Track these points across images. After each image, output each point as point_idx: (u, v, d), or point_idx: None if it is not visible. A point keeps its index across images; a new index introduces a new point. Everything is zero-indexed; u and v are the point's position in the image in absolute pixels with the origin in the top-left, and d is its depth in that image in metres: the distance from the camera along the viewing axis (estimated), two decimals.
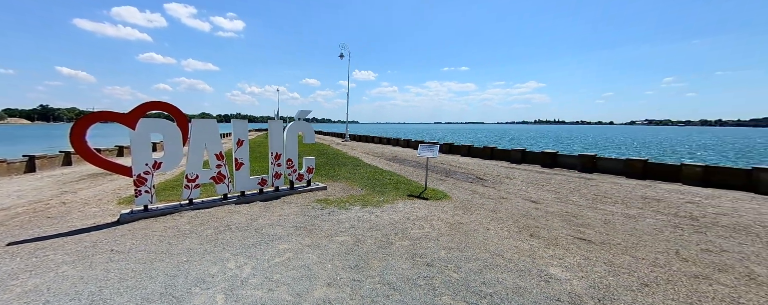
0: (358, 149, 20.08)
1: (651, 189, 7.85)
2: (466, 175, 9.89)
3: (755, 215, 5.71)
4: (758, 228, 4.96)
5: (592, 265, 3.55)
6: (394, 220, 5.12)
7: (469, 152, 16.11)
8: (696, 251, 4.04)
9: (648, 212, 5.78)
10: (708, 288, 3.09)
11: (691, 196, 7.14)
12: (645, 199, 6.82)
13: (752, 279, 3.30)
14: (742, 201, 6.76)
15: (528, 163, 12.96)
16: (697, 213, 5.74)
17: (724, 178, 8.33)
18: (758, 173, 7.81)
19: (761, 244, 4.29)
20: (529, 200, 6.69)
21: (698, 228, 4.91)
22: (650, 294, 2.94)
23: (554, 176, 9.69)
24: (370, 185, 7.87)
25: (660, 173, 9.40)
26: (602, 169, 10.57)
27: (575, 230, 4.76)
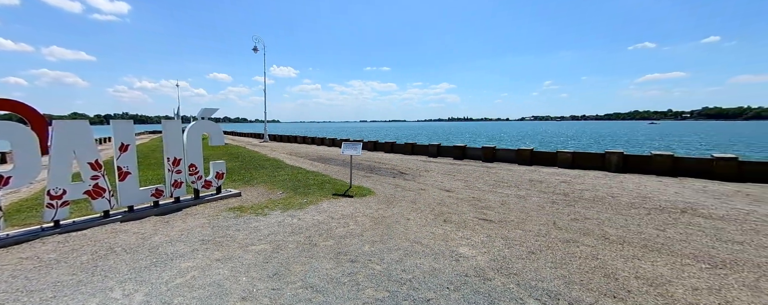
0: (279, 150, 18.97)
1: (536, 173, 9.44)
2: (390, 170, 10.28)
3: (607, 188, 7.37)
4: (610, 199, 6.42)
5: (492, 241, 4.09)
6: (318, 221, 5.00)
7: (393, 149, 16.79)
8: (567, 220, 5.01)
9: (533, 192, 6.93)
10: (576, 249, 3.87)
11: (564, 177, 8.83)
12: (531, 181, 8.16)
13: (606, 239, 4.26)
14: (599, 178, 8.66)
15: (443, 156, 14.17)
16: (568, 190, 7.13)
17: (586, 161, 10.54)
18: (609, 155, 10.11)
19: (612, 211, 5.57)
20: (443, 189, 7.32)
21: (569, 202, 6.10)
22: (535, 260, 3.54)
23: (464, 167, 10.83)
24: (292, 188, 7.51)
25: (542, 159, 11.38)
26: (500, 158, 12.26)
27: (480, 212, 5.41)
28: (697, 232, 4.44)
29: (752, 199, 6.32)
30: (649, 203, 5.98)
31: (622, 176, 8.78)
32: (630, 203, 6.01)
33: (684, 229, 4.55)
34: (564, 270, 3.29)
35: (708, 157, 8.82)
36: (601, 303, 2.71)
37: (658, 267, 3.37)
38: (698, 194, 6.71)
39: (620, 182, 7.94)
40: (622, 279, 3.12)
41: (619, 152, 9.81)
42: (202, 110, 6.42)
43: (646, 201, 6.09)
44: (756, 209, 5.60)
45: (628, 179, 8.44)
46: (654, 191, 7.00)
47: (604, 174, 9.25)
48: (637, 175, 9.01)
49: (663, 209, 5.54)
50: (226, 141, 26.94)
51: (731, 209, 5.54)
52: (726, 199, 6.30)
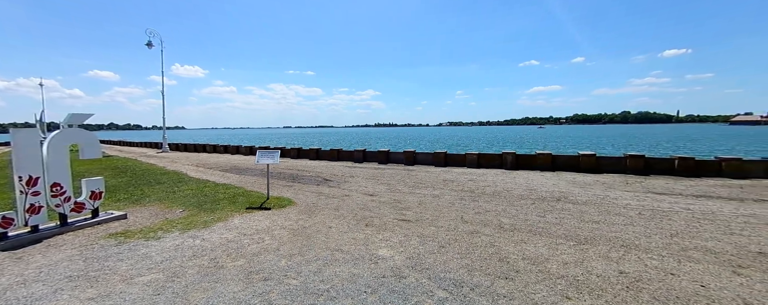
0: (183, 161, 16.64)
1: (449, 173, 10.36)
2: (314, 178, 9.98)
3: (504, 184, 8.50)
4: (505, 193, 7.40)
5: (409, 240, 4.31)
6: (226, 240, 4.51)
7: (318, 156, 16.37)
8: (472, 214, 5.61)
9: (446, 191, 7.58)
10: (478, 239, 4.34)
11: (471, 175, 9.90)
12: (445, 181, 8.91)
13: (501, 228, 4.88)
14: (498, 175, 9.93)
15: (368, 161, 14.43)
16: (474, 187, 8.01)
17: (488, 161, 12.01)
18: (505, 155, 11.69)
19: (507, 203, 6.42)
20: (367, 194, 7.44)
21: (474, 198, 6.84)
22: (445, 253, 3.85)
23: (387, 171, 11.22)
24: (196, 204, 6.64)
25: (454, 160, 12.57)
26: (420, 161, 13.11)
27: (399, 213, 5.66)
28: (567, 216, 5.46)
29: (606, 186, 8.09)
30: (534, 194, 7.13)
31: (515, 173, 10.29)
32: (520, 195, 7.06)
33: (558, 214, 5.55)
34: (468, 260, 3.66)
35: (575, 154, 11.00)
36: (496, 285, 3.09)
37: (539, 248, 4.02)
38: (569, 185, 8.28)
39: (514, 178, 9.28)
40: (513, 261, 3.63)
41: (512, 152, 11.48)
42: (70, 116, 5.21)
43: (532, 193, 7.25)
44: (609, 194, 7.19)
45: (520, 175, 9.94)
46: (538, 184, 8.39)
47: (502, 172, 10.69)
48: (526, 171, 10.67)
49: (544, 199, 6.67)
50: (112, 153, 22.46)
51: (592, 196, 6.99)
52: (588, 187, 7.92)
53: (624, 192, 7.27)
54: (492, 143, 40.34)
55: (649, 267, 3.47)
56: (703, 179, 9.06)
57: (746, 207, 5.97)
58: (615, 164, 10.36)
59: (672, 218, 5.28)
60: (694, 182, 8.59)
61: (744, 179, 8.88)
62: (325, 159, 15.82)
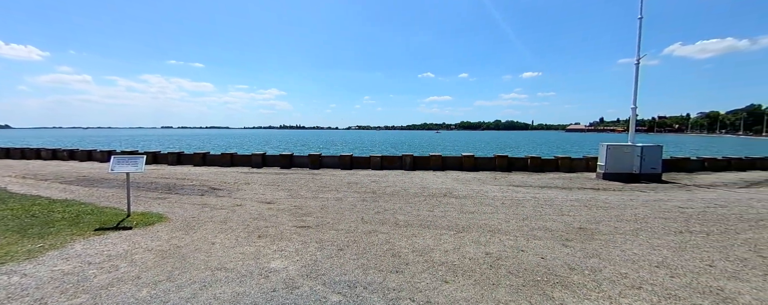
0: (4, 170, 12.18)
1: (354, 176, 10.54)
2: (198, 187, 8.66)
3: (402, 184, 9.10)
4: (403, 192, 7.93)
5: (306, 247, 4.15)
6: (62, 273, 3.46)
7: (205, 161, 14.30)
8: (372, 214, 5.81)
9: (350, 194, 7.67)
10: (375, 238, 4.50)
11: (375, 177, 10.30)
12: (349, 184, 9.02)
13: (397, 225, 5.18)
14: (398, 176, 10.60)
15: (269, 166, 13.41)
16: (376, 188, 8.33)
17: (390, 162, 12.72)
18: (404, 157, 12.57)
19: (404, 201, 6.88)
20: (264, 202, 6.87)
21: (375, 199, 7.11)
22: (342, 256, 3.85)
23: (290, 176, 10.65)
24: (17, 229, 4.91)
25: (360, 163, 12.87)
26: (326, 164, 12.94)
27: (299, 220, 5.42)
28: (450, 209, 6.20)
29: (481, 182, 9.55)
30: (427, 191, 7.89)
31: (413, 173, 11.20)
32: (415, 193, 7.71)
33: (444, 208, 6.27)
34: (364, 259, 3.75)
35: (459, 155, 12.68)
36: (388, 280, 3.25)
37: (427, 240, 4.44)
38: (454, 182, 9.47)
39: (411, 178, 10.09)
40: (404, 254, 3.89)
41: (410, 154, 12.49)
42: None
43: (425, 190, 8.01)
44: (482, 188, 8.49)
45: (416, 174, 10.87)
46: (430, 182, 9.32)
47: (402, 172, 11.49)
48: (422, 171, 11.74)
49: (434, 195, 7.44)
50: None
51: (470, 190, 8.14)
52: (468, 183, 9.21)
53: (493, 186, 8.74)
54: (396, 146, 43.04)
55: (506, 247, 4.23)
56: (547, 173, 11.69)
57: (573, 194, 7.94)
58: (488, 163, 12.39)
59: (524, 205, 6.61)
60: (540, 176, 10.98)
61: (572, 173, 11.84)
62: (216, 165, 13.98)
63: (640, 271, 3.57)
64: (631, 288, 3.20)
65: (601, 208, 6.45)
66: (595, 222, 5.45)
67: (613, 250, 4.19)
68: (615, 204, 6.80)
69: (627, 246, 4.36)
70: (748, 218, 5.86)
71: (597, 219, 5.64)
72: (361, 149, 36.43)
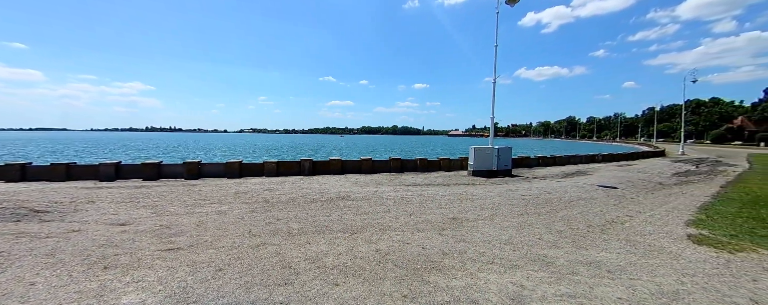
0: None
1: (244, 185, 9.58)
2: (11, 211, 6.31)
3: (300, 190, 8.76)
4: (300, 198, 7.63)
5: (174, 273, 3.53)
6: None
7: (25, 175, 10.51)
8: (262, 225, 5.38)
9: (236, 205, 6.93)
10: (263, 252, 4.19)
11: (269, 185, 9.60)
12: (237, 194, 8.14)
13: (290, 234, 4.94)
14: (296, 182, 10.15)
15: (125, 178, 10.84)
16: (269, 197, 7.77)
17: (288, 168, 12.08)
18: (303, 162, 12.13)
19: (300, 208, 6.62)
20: (115, 224, 5.51)
21: (267, 208, 6.63)
22: (221, 277, 3.44)
23: (157, 189, 8.87)
24: None
25: (251, 170, 11.78)
26: (207, 174, 11.32)
27: (165, 242, 4.56)
28: (347, 212, 6.32)
29: (377, 183, 10.05)
30: (325, 196, 7.83)
31: (312, 179, 10.95)
32: (313, 199, 7.55)
33: (341, 211, 6.34)
34: (248, 276, 3.43)
35: (358, 159, 13.08)
36: (275, 293, 3.06)
37: (321, 245, 4.40)
38: (352, 184, 9.70)
39: (310, 184, 9.84)
40: (295, 264, 3.75)
41: (309, 159, 12.17)
42: None
43: (323, 195, 7.94)
44: (378, 189, 8.94)
45: (316, 180, 10.67)
46: (330, 186, 9.30)
47: (300, 178, 11.09)
48: (322, 176, 11.60)
49: (332, 199, 7.45)
50: None
51: (367, 192, 8.47)
52: (365, 185, 9.57)
53: (388, 187, 9.35)
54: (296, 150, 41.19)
55: (394, 242, 4.58)
56: (432, 172, 13.21)
57: (450, 189, 9.18)
58: (384, 165, 13.20)
59: (412, 202, 7.30)
60: (427, 175, 12.33)
61: (451, 171, 13.70)
62: (42, 180, 10.47)
63: (493, 249, 4.40)
64: (487, 263, 3.91)
65: (469, 200, 7.69)
66: (465, 212, 6.46)
67: (476, 234, 5.04)
68: (479, 196, 8.22)
69: (485, 229, 5.32)
70: (564, 200, 7.96)
71: (466, 209, 6.69)
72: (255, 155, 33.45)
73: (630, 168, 16.30)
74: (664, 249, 4.52)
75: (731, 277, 3.62)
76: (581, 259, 4.10)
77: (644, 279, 3.53)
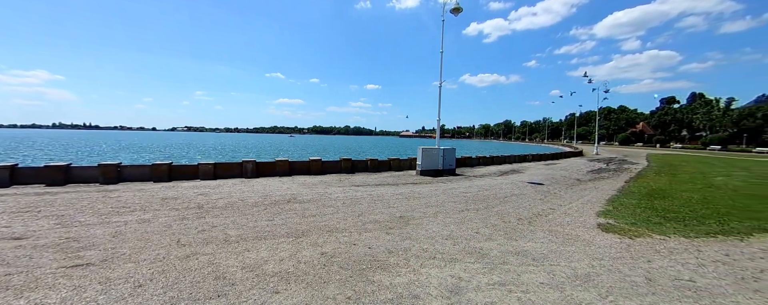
0: None
1: (173, 190, 8.65)
2: None
3: (240, 194, 8.18)
4: (240, 203, 7.13)
5: (82, 292, 3.04)
6: None
7: None
8: (194, 234, 4.92)
9: (163, 212, 6.23)
10: (194, 262, 3.82)
11: (204, 189, 8.81)
12: (165, 200, 7.33)
13: (227, 242, 4.59)
14: (236, 185, 9.47)
15: (23, 184, 9.07)
16: (203, 202, 7.13)
17: (227, 170, 11.22)
18: (245, 164, 11.38)
19: (239, 214, 6.18)
20: (8, 238, 4.56)
21: (201, 214, 6.07)
22: (141, 294, 3.06)
23: (63, 196, 7.57)
24: None
25: (183, 173, 10.70)
26: (129, 177, 10.00)
27: (72, 257, 3.92)
28: (293, 215, 6.09)
29: (327, 184, 9.85)
30: (268, 199, 7.44)
31: (255, 181, 10.32)
32: (255, 202, 7.12)
33: (286, 215, 6.08)
34: (174, 291, 3.10)
35: (307, 160, 12.69)
36: None
37: (262, 252, 4.17)
38: (300, 187, 9.38)
39: (252, 186, 9.26)
40: (230, 274, 3.50)
41: (252, 160, 11.46)
42: None
43: (267, 198, 7.54)
44: (327, 190, 8.76)
45: (259, 182, 10.09)
46: (275, 189, 8.86)
47: (242, 181, 10.39)
48: (266, 178, 11.00)
49: (277, 203, 7.11)
50: None
51: (315, 194, 8.25)
52: (314, 187, 9.32)
53: (337, 188, 9.23)
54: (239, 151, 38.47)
55: (341, 243, 4.53)
56: (383, 172, 13.38)
57: (399, 189, 9.38)
58: (334, 166, 13.01)
59: (361, 202, 7.31)
60: (377, 175, 12.46)
61: (400, 171, 14.02)
62: None
63: (435, 244, 4.60)
64: (429, 258, 4.08)
65: (416, 198, 7.95)
66: (411, 210, 6.66)
67: (420, 231, 5.23)
68: (425, 194, 8.55)
69: (429, 226, 5.55)
70: (500, 196, 8.65)
71: (413, 208, 6.90)
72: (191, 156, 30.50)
73: (555, 167, 18.36)
74: (579, 237, 5.17)
75: (631, 259, 4.27)
76: (511, 249, 4.49)
77: (562, 265, 4.00)
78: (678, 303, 3.14)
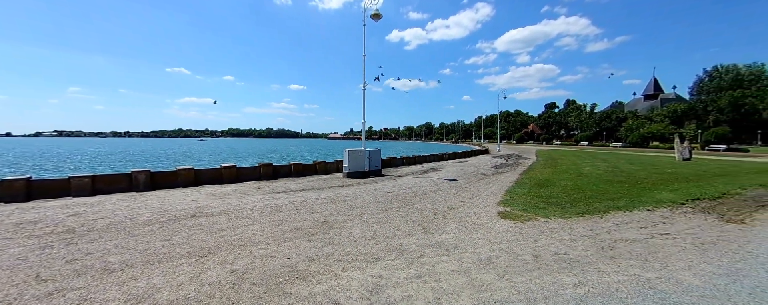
0: None
1: (33, 211, 6.79)
2: None
3: (129, 211, 6.86)
4: (127, 222, 5.97)
5: None
6: None
7: None
8: (60, 265, 3.93)
9: (17, 241, 4.83)
10: (58, 300, 3.04)
11: (78, 208, 7.13)
12: (20, 225, 5.69)
13: (107, 270, 3.78)
14: (124, 201, 7.92)
15: None
16: (76, 224, 5.76)
17: (111, 183, 9.31)
18: (136, 175, 9.61)
19: (125, 235, 5.16)
20: None
21: (71, 240, 4.89)
22: None
23: None
24: None
25: (49, 189, 8.49)
26: None
27: None
28: (198, 231, 5.37)
29: (242, 194, 8.99)
30: (166, 215, 6.41)
31: (149, 194, 8.80)
32: (148, 220, 6.06)
33: (188, 231, 5.33)
34: None
35: (218, 167, 11.41)
36: None
37: (154, 279, 3.55)
38: (209, 198, 8.36)
39: (146, 201, 7.88)
40: None
41: (146, 170, 9.77)
42: None
43: (164, 214, 6.49)
44: (242, 200, 8.00)
45: (155, 195, 8.64)
46: (175, 202, 7.70)
47: (131, 195, 8.75)
48: (165, 191, 9.49)
49: (177, 219, 6.18)
50: None
51: (227, 205, 7.45)
52: (226, 197, 8.41)
53: (255, 196, 8.52)
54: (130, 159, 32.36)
55: (255, 257, 4.18)
56: (307, 176, 12.90)
57: (324, 193, 9.16)
58: (252, 172, 12.01)
59: (282, 210, 6.89)
60: (302, 180, 11.96)
61: (327, 174, 13.73)
62: None
63: (358, 246, 4.62)
64: (352, 261, 4.06)
65: (342, 201, 7.88)
66: (336, 214, 6.57)
67: (344, 234, 5.19)
68: (351, 196, 8.56)
69: (354, 228, 5.55)
70: (420, 193, 9.18)
71: (338, 211, 6.82)
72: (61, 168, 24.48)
73: (467, 163, 20.47)
74: (483, 225, 5.83)
75: (522, 241, 4.99)
76: (428, 242, 4.80)
77: (470, 252, 4.44)
78: (557, 274, 3.79)
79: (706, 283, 3.53)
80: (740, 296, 3.24)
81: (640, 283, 3.53)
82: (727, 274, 3.77)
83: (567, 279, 3.63)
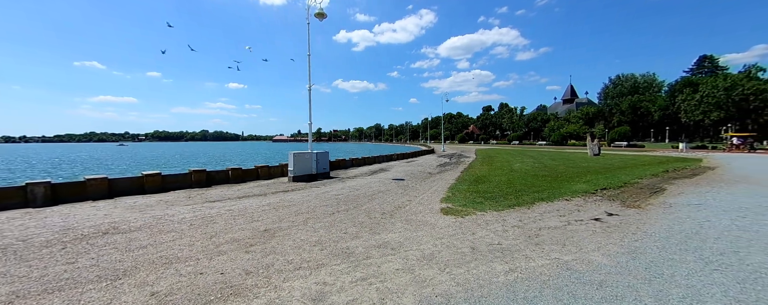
0: None
1: None
2: None
3: (21, 231, 5.66)
4: (19, 244, 4.91)
5: None
6: None
7: None
8: None
9: None
10: None
11: None
12: None
13: None
14: (15, 219, 6.51)
15: None
16: None
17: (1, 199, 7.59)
18: (32, 187, 7.98)
19: (16, 260, 4.23)
20: None
21: None
22: None
23: None
24: None
25: None
26: None
27: None
28: (111, 250, 4.64)
29: (168, 204, 8.03)
30: (70, 234, 5.43)
31: (49, 210, 7.38)
32: (46, 241, 5.06)
33: (98, 252, 4.57)
34: None
35: (139, 175, 10.05)
36: None
37: None
38: (127, 211, 7.30)
39: (44, 218, 6.59)
40: None
41: (45, 181, 8.17)
42: None
43: (68, 233, 5.49)
44: (168, 212, 7.14)
45: (57, 211, 7.27)
46: (83, 218, 6.57)
47: (26, 212, 7.25)
48: (71, 205, 8.05)
49: (84, 237, 5.27)
50: None
51: (149, 218, 6.58)
52: (148, 210, 7.43)
53: (184, 207, 7.68)
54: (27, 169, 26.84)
55: (182, 275, 3.75)
56: (248, 183, 12.06)
57: (266, 199, 8.63)
58: (181, 180, 10.82)
59: (216, 221, 6.32)
60: (241, 186, 11.13)
61: (271, 179, 12.99)
62: None
63: (302, 254, 4.44)
64: (294, 270, 3.88)
65: (286, 207, 7.52)
66: (279, 221, 6.24)
67: (287, 242, 4.94)
68: (297, 201, 8.21)
69: (298, 235, 5.32)
70: (368, 194, 9.19)
71: (281, 218, 6.48)
72: None
73: (414, 163, 21.15)
74: (427, 222, 6.04)
75: (461, 234, 5.27)
76: (375, 243, 4.82)
77: (414, 249, 4.56)
78: (491, 263, 4.08)
79: (612, 261, 4.12)
80: (638, 270, 3.84)
81: (559, 266, 3.97)
82: (628, 252, 4.44)
83: (499, 267, 3.93)
